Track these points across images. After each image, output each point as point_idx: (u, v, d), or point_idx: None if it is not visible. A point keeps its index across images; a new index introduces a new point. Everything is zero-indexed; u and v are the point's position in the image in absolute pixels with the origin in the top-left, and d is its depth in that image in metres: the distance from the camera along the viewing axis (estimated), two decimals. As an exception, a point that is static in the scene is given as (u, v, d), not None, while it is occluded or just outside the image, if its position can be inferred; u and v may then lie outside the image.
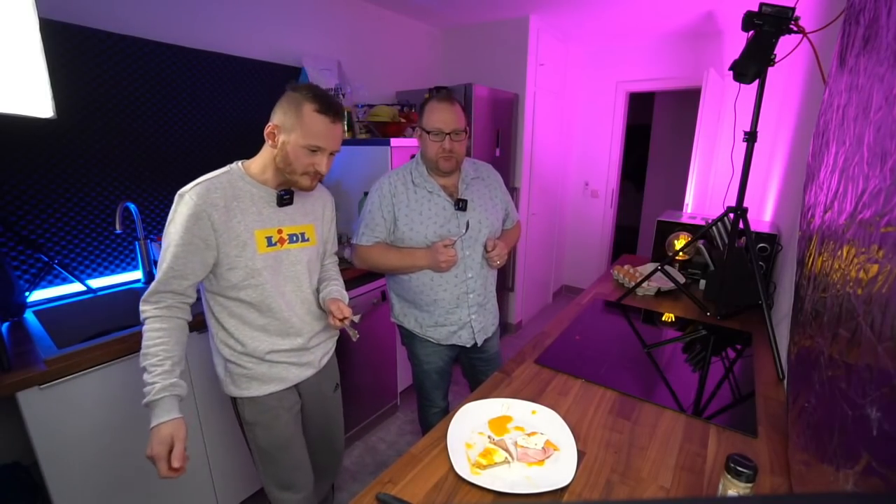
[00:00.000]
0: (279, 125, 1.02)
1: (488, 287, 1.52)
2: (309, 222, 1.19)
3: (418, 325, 1.48)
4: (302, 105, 1.00)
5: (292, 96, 1.02)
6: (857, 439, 0.53)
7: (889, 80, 0.61)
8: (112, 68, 1.61)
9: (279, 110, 1.03)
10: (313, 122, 1.01)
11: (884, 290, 0.51)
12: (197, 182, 1.01)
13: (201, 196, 0.98)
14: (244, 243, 1.04)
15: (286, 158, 1.03)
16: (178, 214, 0.98)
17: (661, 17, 2.88)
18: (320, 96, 1.02)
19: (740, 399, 1.08)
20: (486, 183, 1.50)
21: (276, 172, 1.07)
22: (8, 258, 1.44)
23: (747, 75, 1.30)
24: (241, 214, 1.03)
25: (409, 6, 2.70)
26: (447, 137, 1.31)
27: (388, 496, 0.76)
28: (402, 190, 1.39)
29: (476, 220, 1.41)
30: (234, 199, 1.03)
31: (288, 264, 1.13)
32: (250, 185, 1.06)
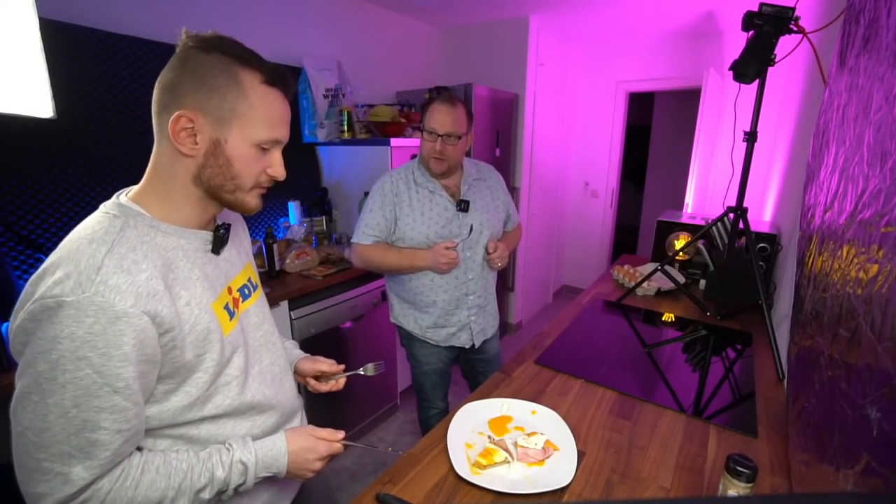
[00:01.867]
0: (199, 111, 0.59)
1: (488, 289, 1.52)
2: (245, 261, 0.80)
3: (417, 327, 1.48)
4: (238, 74, 0.60)
5: (212, 61, 0.59)
6: (857, 439, 0.53)
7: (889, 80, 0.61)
8: (112, 68, 1.61)
9: (189, 84, 0.59)
10: (267, 100, 0.63)
11: (884, 290, 0.51)
12: (86, 260, 0.54)
13: (124, 288, 0.53)
14: (207, 333, 0.63)
15: (226, 168, 0.62)
16: (85, 341, 0.51)
17: (661, 17, 2.88)
18: (257, 57, 0.64)
19: (740, 399, 1.08)
20: (487, 184, 1.50)
21: (198, 200, 0.65)
22: (8, 258, 1.44)
23: (747, 75, 1.30)
24: (185, 291, 0.62)
25: (409, 6, 2.70)
26: (439, 139, 1.31)
27: (388, 496, 0.76)
28: (404, 189, 1.38)
29: (478, 222, 1.41)
30: (167, 269, 0.60)
31: (252, 330, 0.76)
32: (175, 237, 0.63)
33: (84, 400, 0.52)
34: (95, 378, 0.52)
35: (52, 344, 0.51)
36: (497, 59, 3.07)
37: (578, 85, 3.91)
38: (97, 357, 0.52)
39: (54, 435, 0.52)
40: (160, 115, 0.62)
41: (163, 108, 0.61)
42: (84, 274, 0.52)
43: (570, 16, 2.90)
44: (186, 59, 0.60)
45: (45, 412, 0.51)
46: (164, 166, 0.64)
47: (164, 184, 0.64)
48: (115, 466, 0.56)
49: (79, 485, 0.53)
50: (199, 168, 0.62)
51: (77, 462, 0.53)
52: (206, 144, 0.61)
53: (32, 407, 0.52)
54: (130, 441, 0.58)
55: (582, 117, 3.99)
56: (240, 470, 0.65)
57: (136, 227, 0.60)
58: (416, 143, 2.29)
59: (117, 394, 0.54)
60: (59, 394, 0.51)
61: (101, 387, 0.52)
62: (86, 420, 0.52)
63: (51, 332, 0.50)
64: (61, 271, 0.53)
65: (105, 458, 0.54)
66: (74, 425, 0.52)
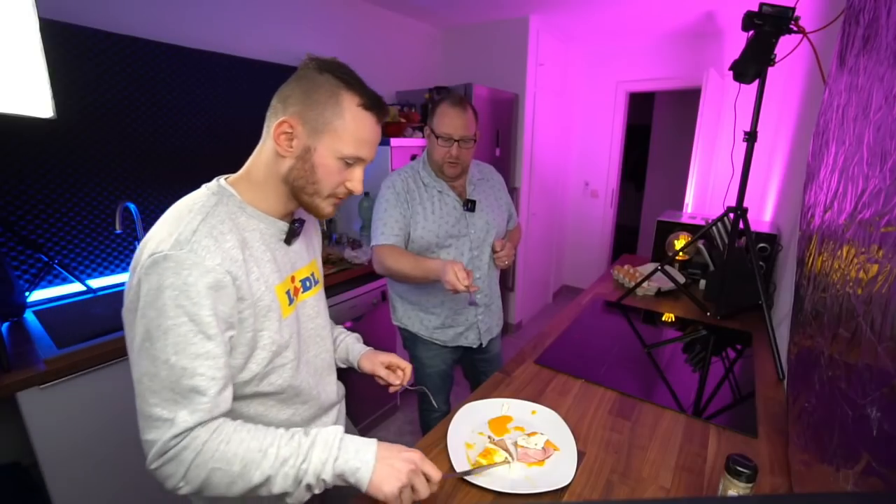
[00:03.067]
0: (300, 120, 0.68)
1: (493, 288, 1.52)
2: (312, 257, 0.88)
3: (424, 328, 1.47)
4: (341, 95, 0.69)
5: (322, 80, 0.69)
6: (857, 439, 0.53)
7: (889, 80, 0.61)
8: (112, 68, 1.61)
9: (297, 97, 0.69)
10: (359, 122, 0.70)
11: (884, 290, 0.51)
12: (185, 224, 0.63)
13: (213, 250, 0.63)
14: (268, 309, 0.71)
15: (311, 173, 0.71)
16: (181, 290, 0.60)
17: (661, 17, 2.88)
18: (362, 84, 0.72)
19: (740, 399, 1.08)
20: (490, 184, 1.51)
21: (283, 194, 0.74)
22: (8, 258, 1.44)
23: (747, 75, 1.30)
24: (257, 267, 0.70)
25: (408, 6, 2.70)
26: (455, 144, 1.29)
27: (388, 496, 0.76)
28: (414, 188, 1.37)
29: (484, 221, 1.42)
30: (244, 244, 0.68)
31: (306, 321, 0.83)
32: (256, 220, 0.73)
33: (183, 347, 0.60)
34: (191, 326, 0.60)
35: (158, 293, 0.59)
36: (497, 59, 3.07)
37: (578, 85, 3.91)
38: (191, 305, 0.60)
39: (161, 381, 0.59)
40: (270, 119, 0.72)
41: (273, 113, 0.71)
42: (183, 235, 0.62)
43: (570, 16, 2.90)
44: (302, 76, 0.71)
45: (154, 357, 0.60)
46: (262, 161, 0.73)
47: (259, 175, 0.73)
48: (211, 420, 0.63)
49: (182, 427, 0.59)
50: (289, 168, 0.71)
51: (181, 407, 0.60)
52: (299, 149, 0.70)
53: (145, 353, 0.60)
54: (224, 392, 0.64)
55: (582, 117, 3.99)
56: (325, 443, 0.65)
57: (227, 204, 0.70)
58: (416, 143, 2.29)
59: (210, 340, 0.62)
60: (163, 340, 0.59)
61: (195, 334, 0.60)
62: (184, 367, 0.60)
63: (156, 282, 0.59)
64: (166, 232, 0.63)
65: (205, 405, 0.61)
66: (175, 372, 0.60)
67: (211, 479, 0.61)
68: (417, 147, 2.29)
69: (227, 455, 0.61)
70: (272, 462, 0.62)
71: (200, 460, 0.60)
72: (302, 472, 0.63)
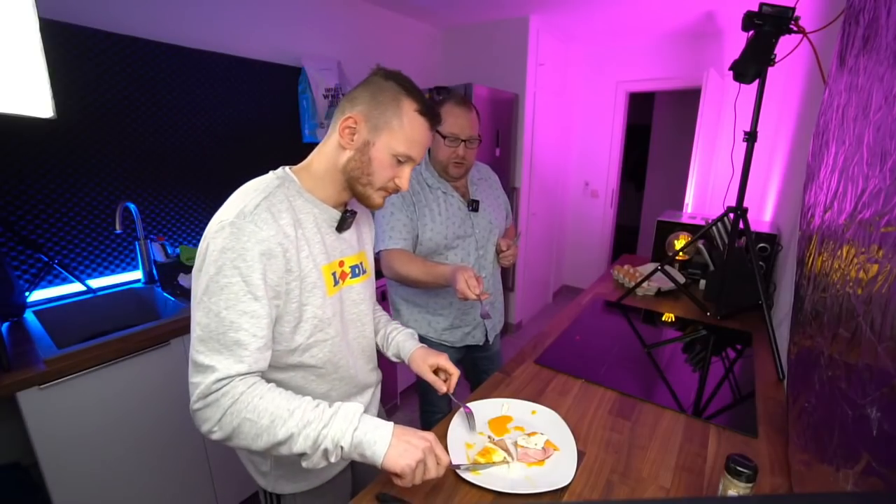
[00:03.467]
0: (364, 118, 0.77)
1: (497, 286, 1.54)
2: (362, 248, 0.94)
3: (433, 330, 1.45)
4: (401, 100, 0.78)
5: (386, 86, 0.79)
6: (857, 439, 0.53)
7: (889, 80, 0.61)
8: (112, 68, 1.61)
9: (363, 98, 0.78)
10: (414, 124, 0.79)
11: (884, 290, 0.51)
12: (249, 200, 0.72)
13: (269, 223, 0.71)
14: (313, 286, 0.78)
15: (367, 165, 0.79)
16: (239, 253, 0.68)
17: (661, 17, 2.88)
18: (420, 93, 0.81)
19: (740, 399, 1.08)
20: (489, 183, 1.52)
21: (339, 184, 0.81)
22: (8, 258, 1.44)
23: (747, 75, 1.30)
24: (307, 246, 0.77)
25: (409, 6, 2.70)
26: (462, 144, 1.29)
27: (388, 496, 0.76)
28: (419, 189, 1.36)
29: (487, 221, 1.43)
30: (297, 224, 0.76)
31: (350, 305, 0.90)
32: (311, 205, 0.80)
33: (233, 303, 0.68)
34: (242, 286, 0.68)
35: (220, 254, 0.67)
36: (497, 59, 3.07)
37: (578, 85, 3.91)
38: (246, 268, 0.68)
39: (211, 331, 0.67)
40: (337, 116, 0.80)
41: (340, 111, 0.80)
42: (247, 208, 0.70)
43: (570, 16, 2.90)
44: (371, 82, 0.80)
45: (208, 309, 0.68)
46: (326, 153, 0.81)
47: (320, 165, 0.81)
48: (249, 374, 0.70)
49: (224, 374, 0.67)
50: (348, 159, 0.79)
51: (225, 357, 0.67)
52: (360, 142, 0.78)
53: (204, 305, 0.68)
54: (263, 350, 0.71)
55: (582, 117, 3.99)
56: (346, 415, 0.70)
57: (288, 188, 0.78)
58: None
59: (257, 301, 0.69)
60: (218, 295, 0.67)
61: (245, 293, 0.68)
62: (232, 321, 0.67)
63: (220, 244, 0.68)
64: (234, 205, 0.72)
65: (246, 358, 0.69)
66: (224, 325, 0.67)
67: (241, 429, 0.67)
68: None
69: (259, 408, 0.67)
70: (297, 421, 0.67)
71: (235, 409, 0.66)
72: (322, 437, 0.67)
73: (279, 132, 2.24)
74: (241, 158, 2.07)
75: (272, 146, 2.21)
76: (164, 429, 1.38)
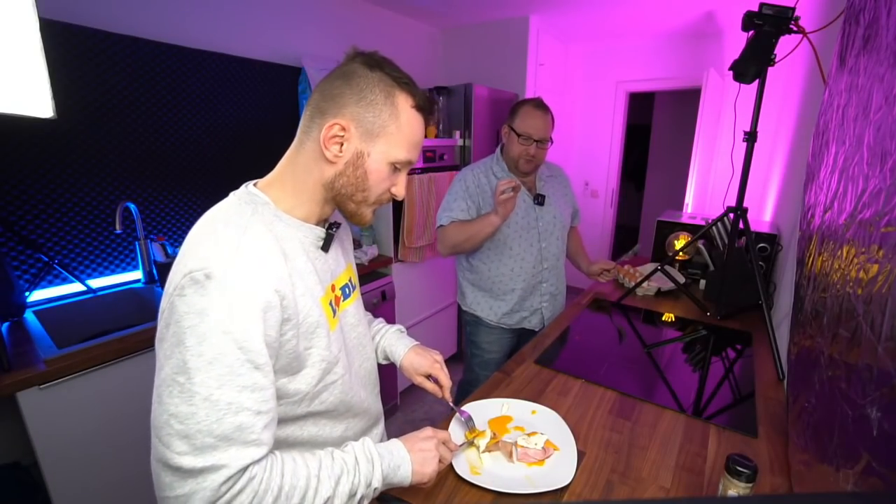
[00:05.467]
0: (354, 123, 0.63)
1: (561, 278, 1.64)
2: (348, 261, 0.82)
3: (493, 313, 1.57)
4: (395, 95, 0.64)
5: (374, 78, 0.63)
6: (857, 439, 0.53)
7: (889, 80, 0.61)
8: (112, 68, 1.61)
9: (348, 97, 0.62)
10: (412, 123, 0.66)
11: (884, 290, 0.51)
12: (224, 239, 0.57)
13: (257, 265, 0.56)
14: (316, 325, 0.65)
15: (361, 180, 0.65)
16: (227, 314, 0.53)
17: (661, 17, 2.88)
18: (413, 82, 0.67)
19: (740, 399, 1.08)
20: (558, 181, 1.65)
21: (322, 200, 0.67)
22: (8, 258, 1.44)
23: (747, 75, 1.30)
24: (301, 281, 0.63)
25: (409, 6, 2.70)
26: (534, 144, 1.41)
27: (388, 496, 0.76)
28: (485, 182, 1.50)
29: (552, 215, 1.55)
30: (285, 256, 0.62)
31: (349, 330, 0.78)
32: (293, 229, 0.65)
33: (228, 379, 0.52)
34: (238, 354, 0.53)
35: (201, 317, 0.52)
36: (497, 59, 3.07)
37: (578, 85, 3.91)
38: (240, 332, 0.53)
39: (197, 422, 0.51)
40: (313, 118, 0.64)
41: (318, 112, 0.64)
42: (226, 251, 0.55)
43: (570, 16, 2.90)
44: (352, 73, 0.63)
45: (192, 393, 0.51)
46: (300, 165, 0.66)
47: (295, 180, 0.66)
48: (262, 458, 0.56)
49: (234, 469, 0.52)
50: (335, 175, 0.65)
51: (227, 447, 0.52)
52: (350, 154, 0.64)
53: (179, 389, 0.52)
54: (269, 427, 0.57)
55: (582, 117, 3.99)
56: (365, 456, 0.65)
57: (263, 213, 0.62)
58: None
59: (258, 370, 0.55)
60: (206, 371, 0.51)
61: (243, 363, 0.53)
62: (230, 402, 0.52)
63: (198, 305, 0.52)
64: (204, 249, 0.55)
65: (254, 440, 0.55)
66: (218, 410, 0.52)
67: None
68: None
69: (285, 489, 0.56)
70: (328, 484, 0.60)
71: (258, 501, 0.54)
72: (355, 486, 0.62)
73: (279, 132, 2.24)
74: (241, 158, 2.07)
75: (272, 146, 2.21)
76: (164, 429, 1.37)
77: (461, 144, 2.65)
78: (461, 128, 2.65)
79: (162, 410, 0.53)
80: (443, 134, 2.68)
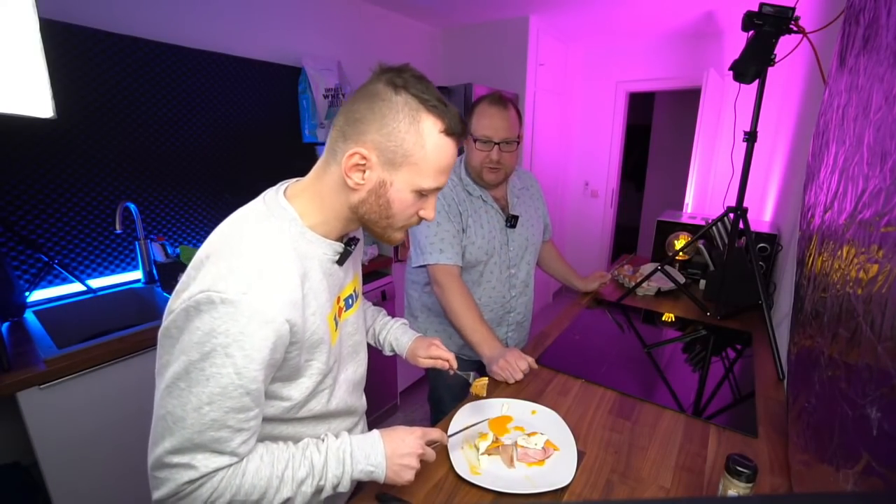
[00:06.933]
0: (375, 151, 0.60)
1: (529, 306, 1.50)
2: (355, 271, 0.82)
3: (452, 343, 1.39)
4: (421, 120, 0.60)
5: (399, 102, 0.60)
6: (857, 439, 0.53)
7: (889, 80, 0.61)
8: (112, 68, 1.61)
9: (370, 122, 0.60)
10: (441, 149, 0.62)
11: (884, 290, 0.51)
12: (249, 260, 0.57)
13: (277, 294, 0.57)
14: (319, 341, 0.66)
15: (385, 208, 0.64)
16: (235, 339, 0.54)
17: (661, 17, 2.88)
18: (442, 102, 0.62)
19: (740, 399, 1.08)
20: (530, 193, 1.43)
21: (348, 219, 0.67)
22: (8, 258, 1.44)
23: (747, 75, 1.30)
24: (314, 300, 0.64)
25: (409, 6, 2.70)
26: (496, 147, 1.18)
27: (387, 496, 0.76)
28: (465, 198, 1.26)
29: (523, 238, 1.36)
30: (304, 277, 0.62)
31: (346, 338, 0.78)
32: (315, 246, 0.65)
33: (218, 399, 0.55)
34: (234, 378, 0.55)
35: (208, 336, 0.54)
36: (497, 59, 3.07)
37: (578, 85, 3.91)
38: (241, 358, 0.55)
39: (185, 427, 0.55)
40: (337, 140, 0.63)
41: (341, 136, 0.62)
42: (246, 274, 0.55)
43: (570, 16, 2.90)
44: (374, 94, 0.61)
45: (186, 401, 0.54)
46: (327, 185, 0.65)
47: (323, 198, 0.65)
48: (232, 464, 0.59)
49: (202, 472, 0.56)
50: (359, 201, 0.64)
51: (199, 452, 0.56)
52: (373, 183, 0.62)
53: (178, 393, 0.55)
54: (248, 441, 0.60)
55: (582, 117, 3.99)
56: (337, 458, 0.66)
57: (289, 231, 0.63)
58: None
59: (248, 395, 0.57)
60: (202, 385, 0.54)
61: (236, 388, 0.55)
62: (214, 420, 0.55)
63: (209, 325, 0.54)
64: (225, 265, 0.56)
65: (226, 453, 0.57)
66: (202, 423, 0.55)
67: None
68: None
69: (245, 488, 0.59)
70: (290, 485, 0.61)
71: (217, 497, 0.57)
72: (319, 488, 0.64)
73: (279, 132, 2.24)
74: (241, 158, 2.06)
75: (272, 146, 2.21)
76: (164, 429, 1.37)
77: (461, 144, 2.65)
78: (461, 128, 2.65)
79: (161, 405, 0.57)
80: (443, 134, 2.68)
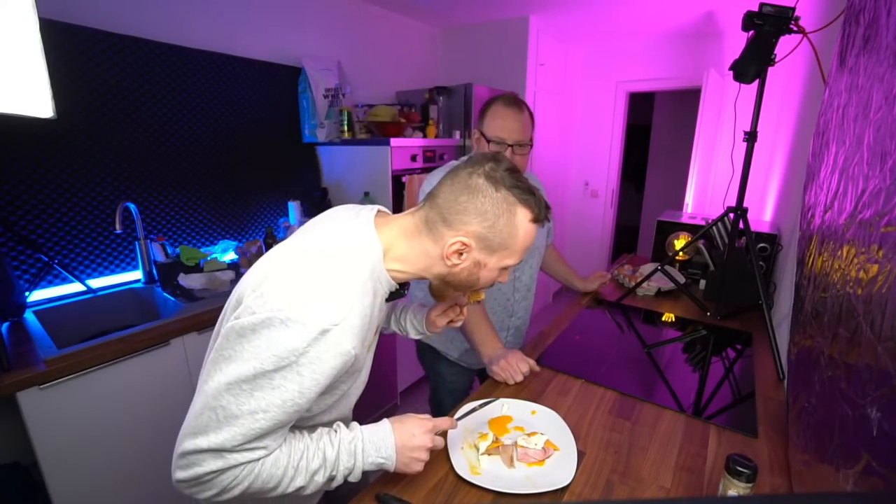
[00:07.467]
0: (477, 241, 0.67)
1: (529, 310, 1.48)
2: None
3: (454, 349, 1.38)
4: (517, 212, 0.67)
5: (500, 199, 0.66)
6: (857, 439, 0.53)
7: (889, 80, 0.61)
8: (112, 68, 1.61)
9: (473, 214, 0.66)
10: (528, 235, 0.70)
11: (884, 290, 0.51)
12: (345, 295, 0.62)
13: (356, 331, 0.62)
14: (360, 368, 0.74)
15: (473, 281, 0.72)
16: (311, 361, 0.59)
17: (661, 17, 2.88)
18: (532, 192, 0.69)
19: (740, 399, 1.08)
20: None
21: (419, 276, 0.74)
22: (8, 258, 1.44)
23: (747, 75, 1.30)
24: (369, 333, 0.70)
25: (409, 6, 2.70)
26: (509, 149, 1.18)
27: (387, 496, 0.76)
28: None
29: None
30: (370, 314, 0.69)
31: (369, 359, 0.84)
32: (384, 286, 0.71)
33: (275, 409, 0.59)
34: (296, 396, 0.59)
35: (289, 353, 0.57)
36: (497, 59, 3.07)
37: (578, 85, 3.91)
38: (309, 379, 0.59)
39: (234, 426, 0.58)
40: (437, 222, 0.68)
41: (442, 220, 0.68)
42: (340, 308, 0.60)
43: (570, 16, 2.90)
44: (477, 190, 0.66)
45: (244, 402, 0.58)
46: (418, 246, 0.70)
47: (409, 253, 0.71)
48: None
49: (230, 464, 0.60)
50: (449, 274, 0.71)
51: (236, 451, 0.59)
52: (468, 263, 0.70)
53: (238, 392, 0.58)
54: (276, 441, 0.64)
55: (582, 117, 3.99)
56: (349, 452, 0.69)
57: (373, 271, 0.68)
58: (416, 143, 2.29)
59: (298, 411, 0.62)
60: (265, 393, 0.58)
61: (294, 404, 0.60)
62: (263, 427, 0.59)
63: (294, 344, 0.57)
64: (323, 291, 0.60)
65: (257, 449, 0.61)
66: (252, 427, 0.58)
67: (243, 496, 0.64)
68: (417, 147, 2.29)
69: (262, 477, 0.63)
70: (303, 475, 0.65)
71: (236, 485, 0.61)
72: (331, 478, 0.68)
73: (279, 132, 2.24)
74: (241, 158, 2.06)
75: (272, 146, 2.21)
76: (164, 429, 1.38)
77: (461, 144, 2.65)
78: (461, 128, 2.65)
79: (218, 397, 0.58)
80: (443, 134, 2.68)
